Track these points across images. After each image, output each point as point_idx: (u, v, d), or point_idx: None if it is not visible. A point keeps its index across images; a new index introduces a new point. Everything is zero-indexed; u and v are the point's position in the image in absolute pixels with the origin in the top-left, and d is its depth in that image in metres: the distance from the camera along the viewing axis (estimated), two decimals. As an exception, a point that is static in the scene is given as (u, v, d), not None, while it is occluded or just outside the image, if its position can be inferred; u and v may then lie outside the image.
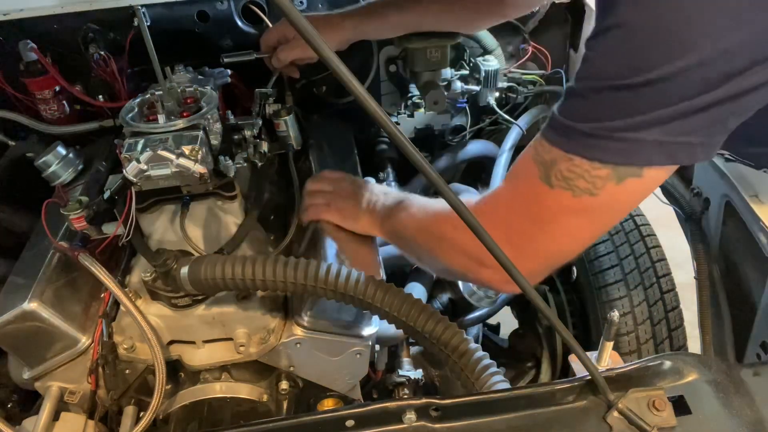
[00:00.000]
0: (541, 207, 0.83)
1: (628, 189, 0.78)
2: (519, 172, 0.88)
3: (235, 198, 1.13)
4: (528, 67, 1.73)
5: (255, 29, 1.53)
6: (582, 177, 0.78)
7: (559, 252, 0.89)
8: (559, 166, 0.79)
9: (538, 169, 0.81)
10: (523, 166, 0.86)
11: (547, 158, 0.80)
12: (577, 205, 0.80)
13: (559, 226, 0.84)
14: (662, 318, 1.50)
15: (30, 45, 1.31)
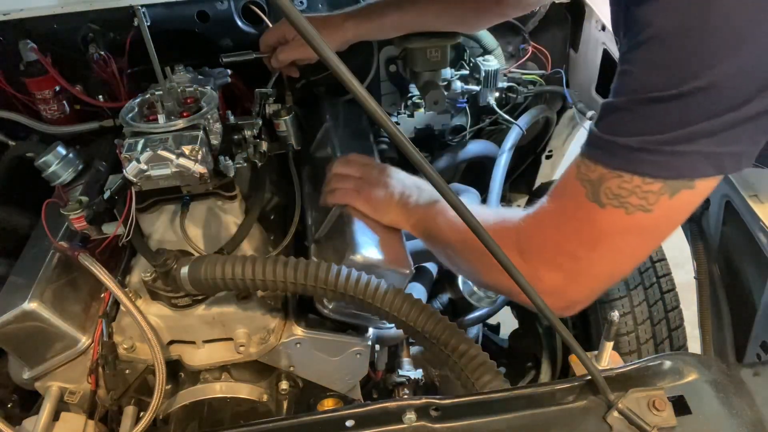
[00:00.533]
0: (594, 228, 0.80)
1: (683, 200, 0.76)
2: (564, 192, 0.84)
3: (235, 198, 1.13)
4: (528, 67, 1.73)
5: (255, 29, 1.53)
6: (633, 193, 0.76)
7: (614, 273, 0.87)
8: (607, 184, 0.77)
9: (585, 189, 0.79)
10: (568, 185, 0.82)
11: (593, 177, 0.78)
12: (632, 222, 0.78)
13: (614, 246, 0.81)
14: (662, 318, 1.50)
15: (30, 45, 1.31)
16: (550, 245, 0.84)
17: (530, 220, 0.89)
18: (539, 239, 0.85)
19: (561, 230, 0.84)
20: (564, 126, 1.89)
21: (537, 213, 0.88)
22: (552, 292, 0.84)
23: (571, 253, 0.83)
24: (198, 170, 0.99)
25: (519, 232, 0.88)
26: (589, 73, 1.65)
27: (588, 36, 1.64)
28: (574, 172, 0.81)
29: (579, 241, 0.83)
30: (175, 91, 1.11)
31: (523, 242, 0.87)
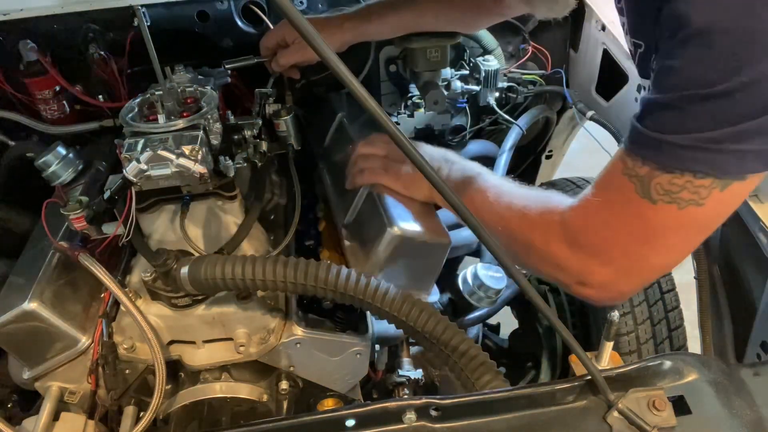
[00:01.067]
0: (646, 224, 0.81)
1: (734, 192, 0.76)
2: (610, 186, 0.84)
3: (235, 198, 1.13)
4: (528, 67, 1.73)
5: (255, 29, 1.53)
6: (685, 189, 0.76)
7: (664, 265, 0.88)
8: (657, 180, 0.77)
9: (634, 185, 0.79)
10: (615, 180, 0.83)
11: (642, 173, 0.78)
12: (684, 217, 0.78)
13: (666, 240, 0.82)
14: (662, 318, 1.50)
15: (30, 45, 1.31)
16: (601, 240, 0.84)
17: (577, 213, 0.88)
18: (588, 233, 0.85)
19: (611, 225, 0.84)
20: (564, 126, 1.89)
21: (584, 206, 0.88)
22: (603, 285, 0.86)
23: (622, 248, 0.84)
24: (198, 170, 0.99)
25: (566, 224, 0.88)
26: (589, 73, 1.65)
27: (588, 36, 1.64)
28: (620, 167, 0.81)
29: (630, 236, 0.83)
30: (175, 91, 1.11)
31: (572, 235, 0.87)
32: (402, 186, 1.10)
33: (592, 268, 0.86)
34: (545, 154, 2.01)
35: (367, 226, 1.10)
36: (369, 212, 1.12)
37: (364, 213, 1.14)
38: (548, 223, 0.89)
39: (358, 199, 1.13)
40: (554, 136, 1.92)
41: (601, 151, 1.70)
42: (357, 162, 1.16)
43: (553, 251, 0.88)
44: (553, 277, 0.93)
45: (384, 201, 1.09)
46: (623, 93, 1.50)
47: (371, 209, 1.11)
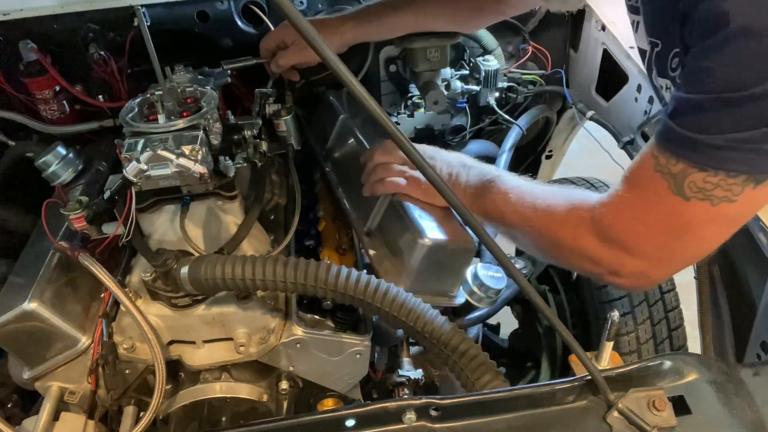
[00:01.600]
0: (679, 220, 0.82)
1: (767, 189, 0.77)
2: (642, 182, 0.85)
3: (235, 198, 1.13)
4: (528, 67, 1.73)
5: (255, 29, 1.53)
6: (718, 186, 0.77)
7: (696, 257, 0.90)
8: (691, 179, 0.78)
9: (667, 182, 0.80)
10: (646, 176, 0.84)
11: (675, 171, 0.79)
12: (717, 213, 0.79)
13: (697, 235, 0.84)
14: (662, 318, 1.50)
15: (30, 45, 1.31)
16: (633, 234, 0.86)
17: (608, 208, 0.89)
18: (620, 227, 0.87)
19: (643, 221, 0.86)
20: (564, 126, 1.89)
21: (614, 201, 0.89)
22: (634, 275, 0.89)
23: (654, 242, 0.85)
24: (198, 170, 0.99)
25: (596, 219, 0.90)
26: (589, 73, 1.65)
27: (588, 36, 1.64)
28: (651, 163, 0.82)
29: (663, 231, 0.84)
30: (175, 91, 1.11)
31: (603, 229, 0.89)
32: (422, 194, 1.12)
33: (624, 260, 0.88)
34: (545, 154, 2.01)
35: (394, 236, 1.12)
36: (393, 221, 1.13)
37: (388, 222, 1.15)
38: (578, 220, 0.92)
39: (378, 208, 1.15)
40: (554, 136, 1.93)
41: (601, 151, 1.70)
42: (376, 171, 1.16)
43: (584, 245, 0.90)
44: (584, 269, 0.95)
45: (408, 210, 1.11)
46: (623, 93, 1.50)
47: (396, 218, 1.13)
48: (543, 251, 1.02)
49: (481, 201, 1.06)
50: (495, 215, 1.05)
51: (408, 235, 1.08)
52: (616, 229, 0.87)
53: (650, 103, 1.37)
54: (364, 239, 1.18)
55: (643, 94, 1.40)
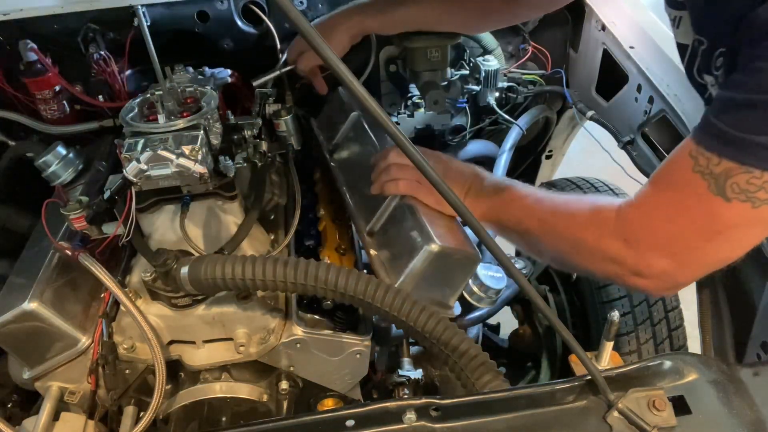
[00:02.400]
0: (716, 221, 0.81)
1: None
2: (678, 184, 0.84)
3: (235, 198, 1.13)
4: (528, 67, 1.73)
5: (255, 29, 1.53)
6: (762, 188, 0.76)
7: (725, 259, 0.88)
8: (735, 179, 0.77)
9: (707, 183, 0.79)
10: (682, 177, 0.82)
11: (718, 171, 0.78)
12: (756, 216, 0.78)
13: (731, 237, 0.83)
14: (662, 318, 1.50)
15: (30, 45, 1.31)
16: (663, 235, 0.85)
17: (636, 210, 0.88)
18: (649, 229, 0.86)
19: (676, 221, 0.84)
20: (564, 126, 1.89)
21: (644, 203, 0.88)
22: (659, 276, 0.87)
23: (686, 243, 0.84)
24: (198, 170, 0.99)
25: (622, 220, 0.89)
26: (589, 73, 1.65)
27: (588, 36, 1.64)
28: (689, 164, 0.81)
29: (696, 232, 0.83)
30: (175, 91, 1.11)
31: (629, 231, 0.88)
32: (435, 201, 1.11)
33: (650, 260, 0.87)
34: (545, 154, 2.01)
35: (399, 238, 1.10)
36: (400, 223, 1.12)
37: (394, 223, 1.14)
38: (601, 221, 0.91)
39: (385, 208, 1.14)
40: (554, 136, 1.92)
41: (601, 151, 1.70)
42: (390, 170, 1.14)
43: (607, 246, 0.89)
44: (605, 271, 0.94)
45: (416, 215, 1.09)
46: (623, 93, 1.50)
47: (403, 221, 1.11)
48: (562, 255, 1.00)
49: (497, 208, 1.06)
50: (511, 221, 1.04)
51: (415, 239, 1.06)
52: (645, 229, 0.86)
53: (650, 103, 1.37)
54: (366, 239, 1.16)
55: (643, 94, 1.40)
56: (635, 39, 1.45)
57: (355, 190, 1.26)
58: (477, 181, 1.11)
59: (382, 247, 1.14)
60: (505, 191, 1.06)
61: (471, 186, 1.11)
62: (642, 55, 1.41)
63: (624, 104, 1.50)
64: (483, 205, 1.08)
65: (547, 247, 1.01)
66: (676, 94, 1.29)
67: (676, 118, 1.27)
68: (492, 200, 1.07)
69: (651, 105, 1.37)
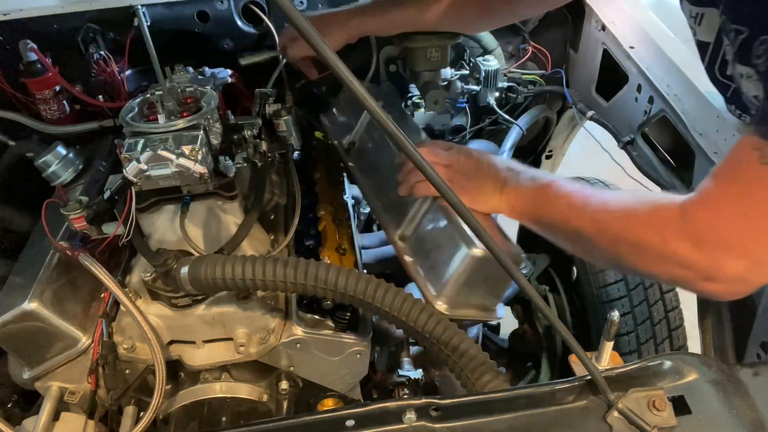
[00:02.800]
0: None
1: None
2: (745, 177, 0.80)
3: (235, 198, 1.13)
4: (528, 67, 1.73)
5: (255, 29, 1.53)
6: None
7: None
8: None
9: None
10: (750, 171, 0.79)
11: None
12: None
13: None
14: (662, 318, 1.50)
15: (30, 45, 1.31)
16: (734, 233, 0.80)
17: (704, 207, 0.83)
18: (719, 227, 0.81)
19: (747, 217, 0.79)
20: (564, 126, 1.89)
21: (709, 200, 0.83)
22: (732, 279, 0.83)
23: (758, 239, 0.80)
24: (198, 170, 0.99)
25: (688, 220, 0.83)
26: (589, 73, 1.65)
27: (588, 36, 1.64)
28: (755, 157, 0.77)
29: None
30: (175, 91, 1.11)
31: (697, 232, 0.83)
32: (469, 200, 1.04)
33: (723, 262, 0.82)
34: (545, 154, 2.01)
35: (436, 243, 1.07)
36: (435, 227, 1.07)
37: (428, 227, 1.09)
38: (664, 221, 0.85)
39: (417, 211, 1.09)
40: (554, 136, 1.92)
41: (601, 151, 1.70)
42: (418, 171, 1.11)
43: (674, 249, 0.83)
44: (672, 276, 0.88)
45: (454, 216, 1.03)
46: (623, 93, 1.50)
47: (438, 224, 1.06)
48: (620, 258, 0.92)
49: (539, 206, 1.00)
50: (557, 220, 0.98)
51: (455, 244, 1.01)
52: (714, 227, 0.81)
53: (650, 103, 1.37)
54: (398, 244, 1.12)
55: (643, 94, 1.40)
56: (635, 39, 1.45)
57: (380, 191, 1.21)
58: (512, 176, 1.05)
59: (417, 252, 1.10)
60: (547, 187, 1.00)
61: (506, 181, 1.05)
62: (642, 55, 1.41)
63: (624, 104, 1.50)
64: (522, 201, 1.03)
65: (602, 249, 0.94)
66: (676, 94, 1.29)
67: (676, 118, 1.27)
68: (532, 196, 1.01)
69: (651, 105, 1.37)
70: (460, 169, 1.08)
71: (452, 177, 1.07)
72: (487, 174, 1.06)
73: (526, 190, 1.02)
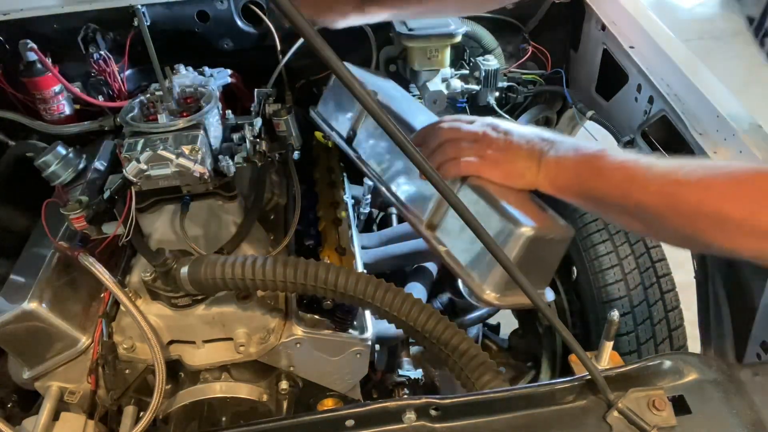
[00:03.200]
0: None
1: None
2: None
3: (235, 198, 1.13)
4: (528, 67, 1.73)
5: (255, 29, 1.53)
6: None
7: None
8: None
9: None
10: None
11: None
12: None
13: None
14: (662, 318, 1.49)
15: (30, 45, 1.31)
16: None
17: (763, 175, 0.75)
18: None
19: None
20: (564, 126, 1.89)
21: None
22: None
23: None
24: (198, 170, 0.99)
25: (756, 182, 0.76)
26: (589, 73, 1.65)
27: (588, 36, 1.64)
28: None
29: None
30: (175, 91, 1.11)
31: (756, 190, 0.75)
32: (502, 175, 0.94)
33: None
34: (545, 154, 2.00)
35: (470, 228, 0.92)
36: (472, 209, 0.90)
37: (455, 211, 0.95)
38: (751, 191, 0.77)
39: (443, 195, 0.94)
40: (554, 136, 1.92)
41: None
42: (444, 150, 0.97)
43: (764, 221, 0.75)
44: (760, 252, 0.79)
45: (492, 195, 0.93)
46: (623, 93, 1.50)
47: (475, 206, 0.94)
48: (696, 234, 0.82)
49: (588, 179, 0.88)
50: (611, 195, 0.86)
51: (499, 225, 0.91)
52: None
53: (650, 102, 1.37)
54: (426, 233, 1.01)
55: (643, 94, 1.40)
56: (635, 39, 1.45)
57: (395, 179, 1.10)
58: (549, 146, 0.92)
59: (452, 240, 0.98)
60: (596, 158, 0.88)
61: (542, 152, 0.92)
62: (642, 55, 1.41)
63: (624, 104, 1.50)
64: (565, 174, 0.90)
65: (675, 226, 0.83)
66: (676, 94, 1.29)
67: (676, 118, 1.27)
68: (578, 168, 0.89)
69: (651, 105, 1.37)
70: (489, 143, 0.96)
71: (482, 152, 0.95)
72: (519, 146, 0.94)
73: (570, 162, 0.90)
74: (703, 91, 1.21)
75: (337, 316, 1.19)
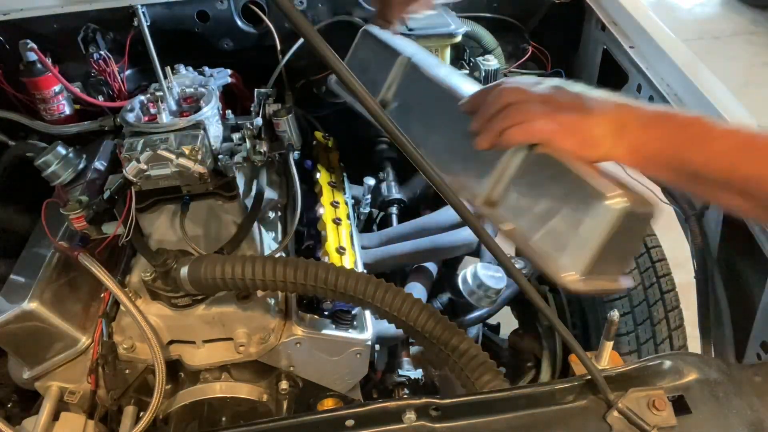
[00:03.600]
0: None
1: None
2: None
3: (235, 198, 1.13)
4: (528, 67, 1.73)
5: (255, 29, 1.53)
6: None
7: None
8: None
9: None
10: None
11: None
12: None
13: None
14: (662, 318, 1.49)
15: (30, 45, 1.31)
16: None
17: None
18: None
19: None
20: (564, 126, 1.89)
21: None
22: None
23: None
24: (198, 170, 0.99)
25: None
26: (589, 73, 1.65)
27: (588, 36, 1.64)
28: None
29: None
30: (175, 91, 1.11)
31: None
32: (578, 144, 0.80)
33: None
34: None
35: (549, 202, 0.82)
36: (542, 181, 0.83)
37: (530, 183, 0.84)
38: None
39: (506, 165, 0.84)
40: (554, 136, 1.92)
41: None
42: (509, 114, 0.82)
43: None
44: None
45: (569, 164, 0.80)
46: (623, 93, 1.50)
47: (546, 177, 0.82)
48: None
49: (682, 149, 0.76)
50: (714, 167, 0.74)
51: (581, 198, 0.78)
52: None
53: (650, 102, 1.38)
54: (485, 210, 0.87)
55: (643, 94, 1.40)
56: (635, 39, 1.45)
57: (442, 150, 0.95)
58: (628, 112, 0.80)
59: (519, 218, 0.84)
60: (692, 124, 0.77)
61: (622, 118, 0.79)
62: (642, 55, 1.41)
63: (624, 104, 1.50)
64: (653, 142, 0.77)
65: None
66: (676, 94, 1.29)
67: (676, 118, 1.27)
68: (669, 136, 0.77)
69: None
70: (560, 107, 0.81)
71: (555, 115, 0.81)
72: (595, 110, 0.81)
73: (661, 128, 0.78)
74: (703, 91, 1.21)
75: (338, 316, 1.19)
